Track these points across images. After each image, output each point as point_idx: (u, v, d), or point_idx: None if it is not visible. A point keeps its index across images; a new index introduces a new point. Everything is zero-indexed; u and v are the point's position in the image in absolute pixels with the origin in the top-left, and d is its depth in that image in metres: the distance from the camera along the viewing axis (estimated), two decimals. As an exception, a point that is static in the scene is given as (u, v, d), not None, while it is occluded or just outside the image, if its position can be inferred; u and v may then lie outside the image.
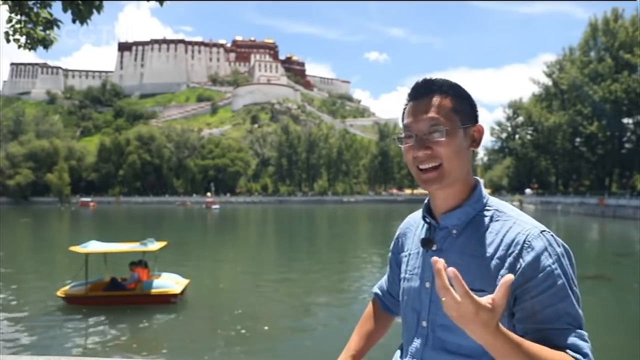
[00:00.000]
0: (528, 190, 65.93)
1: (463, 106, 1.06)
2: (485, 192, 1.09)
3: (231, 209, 69.52)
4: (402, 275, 1.17)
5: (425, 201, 1.15)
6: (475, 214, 1.05)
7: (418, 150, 1.03)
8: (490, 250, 0.99)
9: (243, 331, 8.70)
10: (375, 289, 1.41)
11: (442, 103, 1.04)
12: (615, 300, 11.53)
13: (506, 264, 0.97)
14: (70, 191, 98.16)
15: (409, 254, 1.17)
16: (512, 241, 0.97)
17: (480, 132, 1.07)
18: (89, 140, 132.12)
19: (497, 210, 1.04)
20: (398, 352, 1.18)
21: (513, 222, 1.00)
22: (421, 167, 1.04)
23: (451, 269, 0.80)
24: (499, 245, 0.99)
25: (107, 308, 9.94)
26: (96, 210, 71.04)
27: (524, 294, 0.95)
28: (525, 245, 0.96)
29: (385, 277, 1.38)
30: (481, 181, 1.11)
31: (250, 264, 17.77)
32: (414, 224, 1.21)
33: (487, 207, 1.05)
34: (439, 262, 0.80)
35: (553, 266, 0.95)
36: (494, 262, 0.98)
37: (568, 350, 0.93)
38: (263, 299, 11.74)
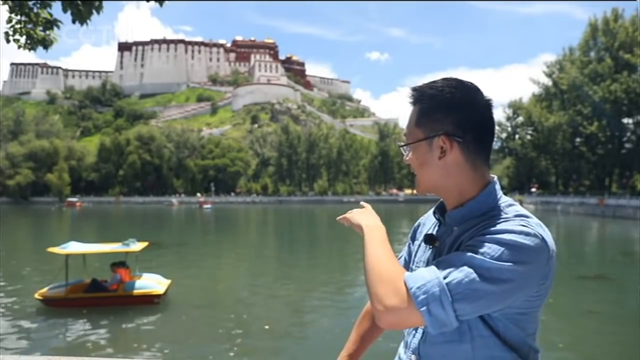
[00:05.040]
0: (534, 190, 66.34)
1: (429, 116, 1.03)
2: (500, 192, 1.05)
3: (226, 209, 69.35)
4: (411, 265, 1.18)
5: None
6: (479, 214, 1.02)
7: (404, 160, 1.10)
8: None
9: (230, 331, 8.66)
10: None
11: (411, 116, 1.06)
12: (616, 300, 11.51)
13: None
14: (71, 191, 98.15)
15: (420, 246, 1.18)
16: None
17: (446, 142, 1.01)
18: (89, 140, 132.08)
19: (501, 210, 1.00)
20: (402, 345, 1.18)
21: (505, 220, 0.96)
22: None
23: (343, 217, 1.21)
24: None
25: (89, 310, 9.74)
26: (82, 210, 70.86)
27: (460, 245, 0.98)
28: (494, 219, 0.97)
29: None
30: (496, 181, 1.07)
31: (240, 265, 17.71)
32: (432, 217, 1.21)
33: (494, 208, 1.01)
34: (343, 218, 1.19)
35: (505, 239, 0.90)
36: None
37: (407, 272, 0.93)
38: (253, 299, 11.68)
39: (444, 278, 0.88)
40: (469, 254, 0.90)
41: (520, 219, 0.95)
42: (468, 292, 0.86)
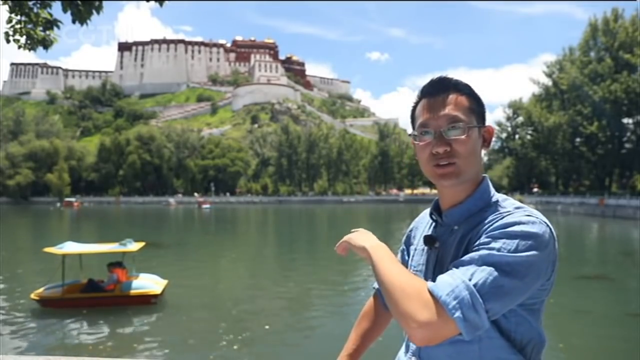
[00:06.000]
0: (536, 190, 66.59)
1: (476, 106, 1.07)
2: (492, 189, 1.08)
3: (225, 209, 69.26)
4: (408, 270, 1.14)
5: (436, 198, 1.16)
6: (477, 210, 1.04)
7: (438, 147, 1.02)
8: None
9: (230, 331, 8.63)
10: (377, 284, 1.32)
11: (460, 101, 1.05)
12: (616, 300, 11.50)
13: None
14: (71, 191, 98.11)
15: (416, 249, 1.18)
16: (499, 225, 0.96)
17: (491, 133, 1.09)
18: (89, 140, 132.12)
19: (499, 205, 1.02)
20: (403, 347, 1.18)
21: (508, 213, 0.97)
22: (439, 163, 1.04)
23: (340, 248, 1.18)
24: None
25: (85, 310, 9.68)
26: (80, 210, 70.80)
27: (471, 244, 0.97)
28: (505, 214, 0.97)
29: None
30: (488, 178, 1.10)
31: (239, 265, 17.65)
32: (424, 220, 1.22)
33: (490, 203, 1.04)
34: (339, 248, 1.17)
35: (517, 230, 0.91)
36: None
37: (429, 282, 0.91)
38: (253, 299, 11.66)
39: (469, 280, 0.87)
40: (486, 252, 0.90)
41: (522, 210, 0.97)
42: (495, 290, 0.86)
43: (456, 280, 0.87)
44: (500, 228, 0.93)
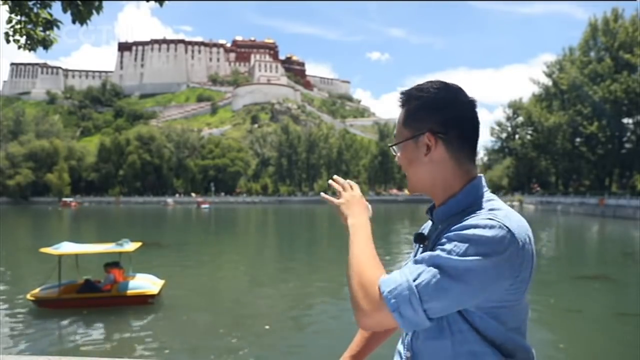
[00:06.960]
0: (538, 190, 66.69)
1: (415, 115, 1.06)
2: (483, 189, 1.06)
3: (225, 209, 69.26)
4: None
5: None
6: (459, 211, 1.03)
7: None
8: None
9: (230, 331, 8.63)
10: None
11: (399, 118, 1.11)
12: (617, 300, 11.50)
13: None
14: (70, 191, 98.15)
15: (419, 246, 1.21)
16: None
17: (430, 139, 1.04)
18: (89, 140, 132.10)
19: (479, 207, 1.01)
20: (400, 340, 1.20)
21: (475, 215, 0.97)
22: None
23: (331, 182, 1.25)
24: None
25: (82, 310, 9.65)
26: (78, 210, 70.82)
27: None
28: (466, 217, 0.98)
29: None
30: (482, 178, 1.08)
31: (239, 265, 17.63)
32: None
33: (473, 204, 1.02)
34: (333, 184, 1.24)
35: (469, 234, 0.91)
36: None
37: (383, 275, 0.96)
38: (253, 299, 11.67)
39: (414, 280, 0.90)
40: (437, 252, 0.92)
41: (490, 212, 0.96)
42: (437, 293, 0.89)
43: (402, 278, 0.92)
44: (456, 230, 0.93)
